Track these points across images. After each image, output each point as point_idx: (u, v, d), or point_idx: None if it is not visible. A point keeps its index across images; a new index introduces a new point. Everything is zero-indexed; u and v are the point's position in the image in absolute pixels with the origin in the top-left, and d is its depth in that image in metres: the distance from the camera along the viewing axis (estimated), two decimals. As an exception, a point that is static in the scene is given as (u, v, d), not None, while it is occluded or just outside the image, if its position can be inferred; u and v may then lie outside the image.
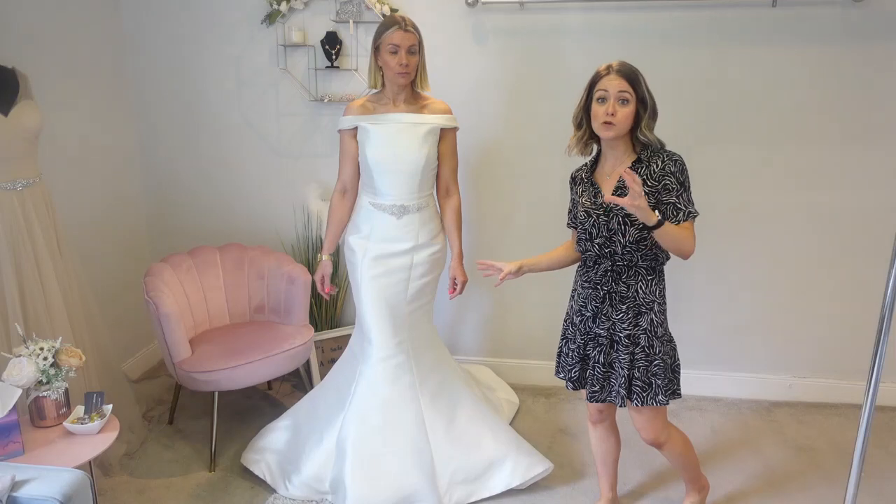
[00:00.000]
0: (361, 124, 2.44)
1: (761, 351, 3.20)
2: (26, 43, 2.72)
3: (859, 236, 3.00)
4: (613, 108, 1.90)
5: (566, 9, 2.96)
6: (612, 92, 1.90)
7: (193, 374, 2.65)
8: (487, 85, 3.09)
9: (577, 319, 2.13)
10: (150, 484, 2.60)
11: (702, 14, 2.88)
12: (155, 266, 2.91)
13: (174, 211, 3.53)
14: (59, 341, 2.17)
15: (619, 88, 1.89)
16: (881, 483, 2.59)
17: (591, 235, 2.04)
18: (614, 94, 1.90)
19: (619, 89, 1.90)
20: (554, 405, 3.19)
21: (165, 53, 3.32)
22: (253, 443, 2.73)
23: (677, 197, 1.93)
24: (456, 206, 2.57)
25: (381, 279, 2.48)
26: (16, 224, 2.31)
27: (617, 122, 1.91)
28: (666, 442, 2.15)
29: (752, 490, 2.56)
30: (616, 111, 1.90)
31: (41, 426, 2.15)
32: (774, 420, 3.06)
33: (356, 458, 2.40)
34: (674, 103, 2.61)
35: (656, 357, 2.03)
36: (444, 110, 2.48)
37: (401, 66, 2.33)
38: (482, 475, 2.49)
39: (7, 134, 2.26)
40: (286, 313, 3.04)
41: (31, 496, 1.60)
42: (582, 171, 2.11)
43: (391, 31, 2.32)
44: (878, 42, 2.80)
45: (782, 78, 2.89)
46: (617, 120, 1.90)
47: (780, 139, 2.96)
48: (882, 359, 1.80)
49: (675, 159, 1.95)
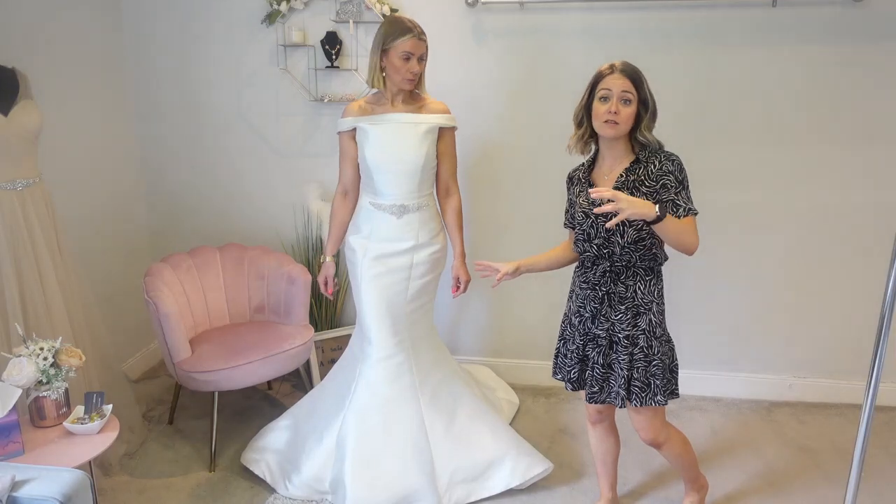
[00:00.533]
0: (360, 125, 2.44)
1: (761, 351, 3.20)
2: (26, 43, 2.72)
3: (859, 236, 3.00)
4: (616, 107, 1.90)
5: (566, 9, 2.96)
6: (616, 91, 1.90)
7: (193, 374, 2.65)
8: (487, 85, 3.09)
9: (576, 320, 2.12)
10: (150, 484, 2.60)
11: (702, 14, 2.88)
12: (155, 266, 2.91)
13: (174, 211, 3.53)
14: (59, 341, 2.17)
15: (623, 88, 1.89)
16: (881, 483, 2.59)
17: (589, 236, 2.03)
18: (617, 94, 1.90)
19: (623, 89, 1.89)
20: (554, 405, 3.19)
21: (165, 53, 3.33)
22: (253, 442, 2.73)
23: (676, 194, 1.93)
24: (456, 205, 2.57)
25: (382, 279, 2.48)
26: (16, 224, 2.31)
27: (620, 122, 1.91)
28: (665, 442, 2.15)
29: (752, 490, 2.56)
30: (619, 110, 1.90)
31: (41, 426, 2.15)
32: (774, 420, 3.06)
33: (356, 458, 2.40)
34: (673, 103, 2.61)
35: (655, 357, 2.03)
36: (443, 110, 2.48)
37: (412, 73, 2.34)
38: (482, 475, 2.49)
39: (7, 134, 2.26)
40: (286, 313, 3.04)
41: (31, 496, 1.60)
42: (579, 170, 2.11)
43: (406, 38, 2.31)
44: (878, 42, 2.80)
45: (782, 78, 2.89)
46: (620, 119, 1.90)
47: (779, 139, 2.96)
48: (882, 359, 1.79)
49: (672, 159, 1.95)
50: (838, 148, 2.93)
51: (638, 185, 1.94)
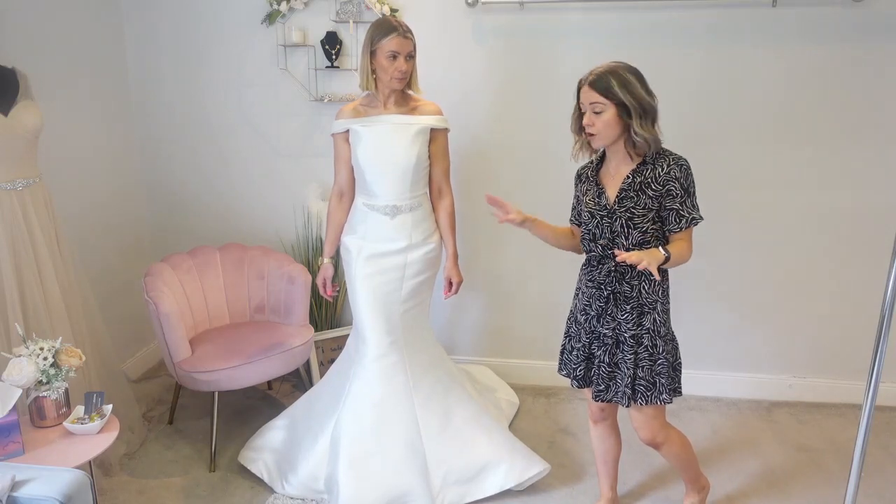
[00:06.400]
0: (352, 127, 2.45)
1: (761, 351, 3.20)
2: (26, 43, 2.72)
3: (859, 236, 3.00)
4: (590, 118, 1.94)
5: (566, 9, 2.96)
6: (586, 104, 1.95)
7: (193, 374, 2.65)
8: (487, 85, 3.09)
9: (582, 318, 2.13)
10: (150, 484, 2.60)
11: (702, 14, 2.88)
12: (155, 266, 2.91)
13: (174, 211, 3.53)
14: (59, 341, 2.17)
15: (591, 101, 1.93)
16: (881, 483, 2.59)
17: (594, 236, 2.04)
18: (588, 107, 1.94)
19: (591, 101, 1.93)
20: (554, 405, 3.19)
21: (166, 53, 3.33)
22: (251, 441, 2.74)
23: (681, 204, 1.94)
24: (449, 206, 2.57)
25: (375, 278, 2.49)
26: (16, 224, 2.31)
27: (596, 132, 1.94)
28: (664, 442, 2.15)
29: (752, 490, 2.56)
30: (593, 122, 1.93)
31: (41, 426, 2.15)
32: (774, 420, 3.06)
33: (349, 457, 2.41)
34: (673, 103, 2.61)
35: (660, 356, 2.03)
36: (435, 111, 2.48)
37: (399, 72, 2.34)
38: (476, 476, 2.49)
39: (7, 134, 2.26)
40: (286, 313, 3.04)
41: (31, 496, 1.60)
42: (588, 168, 2.12)
43: (390, 37, 2.31)
44: (878, 42, 2.80)
45: (782, 78, 2.89)
46: (596, 130, 1.94)
47: (779, 139, 2.96)
48: (882, 359, 1.80)
49: (680, 164, 1.95)
50: (838, 148, 2.93)
51: (644, 187, 1.95)
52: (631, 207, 1.96)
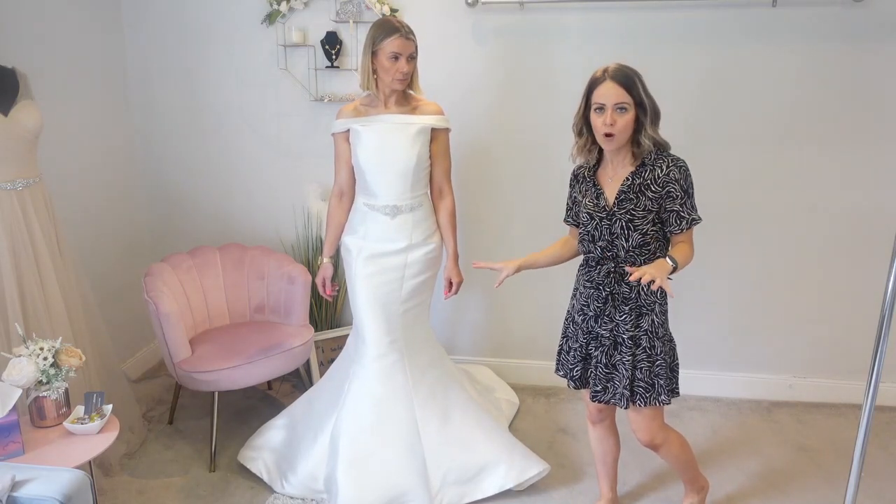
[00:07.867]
0: (353, 127, 2.45)
1: (761, 351, 3.20)
2: (26, 43, 2.72)
3: (859, 236, 3.00)
4: (612, 118, 1.88)
5: (566, 9, 2.96)
6: (609, 103, 1.88)
7: (193, 374, 2.65)
8: (487, 85, 3.09)
9: (579, 318, 2.13)
10: (150, 484, 2.60)
11: (701, 14, 2.88)
12: (155, 266, 2.91)
13: (174, 211, 3.53)
14: (59, 341, 2.17)
15: (616, 98, 1.87)
16: (881, 483, 2.59)
17: (593, 238, 2.04)
18: (611, 105, 1.88)
19: (617, 100, 1.87)
20: (554, 405, 3.19)
21: (165, 53, 3.33)
22: (250, 441, 2.74)
23: (681, 205, 1.94)
24: (449, 206, 2.57)
25: (375, 278, 2.49)
26: (16, 224, 2.31)
27: (617, 133, 1.90)
28: (662, 444, 2.14)
29: (752, 490, 2.56)
30: (615, 121, 1.88)
31: (41, 426, 2.15)
32: (774, 420, 3.06)
33: (348, 457, 2.41)
34: (673, 103, 2.60)
35: (658, 357, 2.03)
36: (436, 111, 2.48)
37: (401, 73, 2.33)
38: (475, 477, 2.48)
39: (7, 134, 2.26)
40: (286, 313, 3.04)
41: (31, 496, 1.60)
42: (584, 168, 2.10)
43: (392, 38, 2.31)
44: (878, 42, 2.80)
45: (782, 78, 2.89)
46: (616, 130, 1.89)
47: (779, 139, 2.96)
48: (882, 359, 1.80)
49: (679, 165, 1.94)
50: (838, 148, 2.93)
51: (644, 188, 1.94)
52: (631, 209, 1.95)
